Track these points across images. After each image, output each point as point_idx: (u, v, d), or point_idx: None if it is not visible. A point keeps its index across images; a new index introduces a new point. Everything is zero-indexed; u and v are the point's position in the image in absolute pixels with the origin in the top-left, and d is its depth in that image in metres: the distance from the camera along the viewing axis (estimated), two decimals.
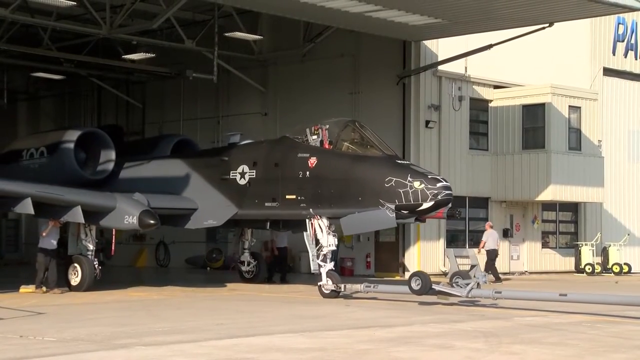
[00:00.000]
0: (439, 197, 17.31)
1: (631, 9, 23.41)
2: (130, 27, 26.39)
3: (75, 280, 19.92)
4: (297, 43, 28.69)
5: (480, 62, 27.63)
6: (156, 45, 28.84)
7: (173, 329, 12.87)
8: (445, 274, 27.05)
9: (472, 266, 27.60)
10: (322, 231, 18.42)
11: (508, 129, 29.32)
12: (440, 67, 27.25)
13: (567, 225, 31.60)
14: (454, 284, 16.60)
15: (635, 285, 24.81)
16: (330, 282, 18.15)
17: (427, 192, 17.27)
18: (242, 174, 20.29)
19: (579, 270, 30.13)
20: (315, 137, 19.04)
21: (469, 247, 28.42)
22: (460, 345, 11.25)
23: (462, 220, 28.19)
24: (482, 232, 28.35)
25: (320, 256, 18.35)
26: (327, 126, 19.06)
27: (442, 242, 27.59)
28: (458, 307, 16.41)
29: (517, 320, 14.29)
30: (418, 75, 26.92)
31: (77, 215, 19.37)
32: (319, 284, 18.38)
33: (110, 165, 23.33)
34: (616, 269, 30.42)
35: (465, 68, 28.00)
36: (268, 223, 20.98)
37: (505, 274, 28.67)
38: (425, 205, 17.36)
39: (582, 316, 14.84)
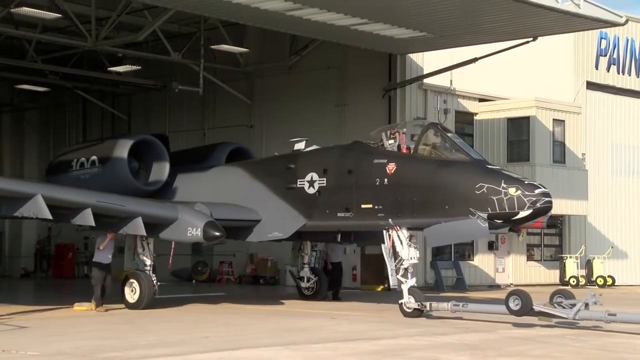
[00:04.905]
0: (538, 204, 15.83)
1: (613, 24, 23.67)
2: (116, 39, 26.39)
3: (133, 297, 18.58)
4: (283, 55, 28.76)
5: (465, 76, 27.79)
6: (142, 58, 28.83)
7: (158, 342, 12.80)
8: (430, 286, 27.14)
9: (458, 279, 27.88)
10: (401, 243, 17.00)
11: (493, 142, 29.48)
12: (426, 80, 27.38)
13: (551, 238, 31.75)
14: (555, 304, 15.08)
15: (619, 298, 24.92)
16: (412, 299, 16.74)
17: (525, 200, 15.80)
18: (311, 183, 18.86)
19: (563, 282, 30.25)
20: (392, 141, 17.68)
21: (454, 260, 28.52)
22: (446, 358, 11.26)
23: None
24: (467, 245, 28.46)
25: (401, 271, 16.92)
26: (405, 130, 17.83)
27: (427, 255, 27.61)
28: (442, 320, 16.41)
29: (502, 333, 14.31)
30: (404, 88, 27.04)
31: (138, 227, 17.99)
32: (400, 301, 16.93)
33: (164, 175, 21.75)
34: (600, 281, 30.57)
35: (451, 81, 28.16)
36: (339, 235, 19.62)
37: (490, 286, 28.79)
38: (522, 214, 15.90)
39: (566, 329, 14.88)
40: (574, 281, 29.97)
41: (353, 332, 14.48)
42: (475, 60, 25.58)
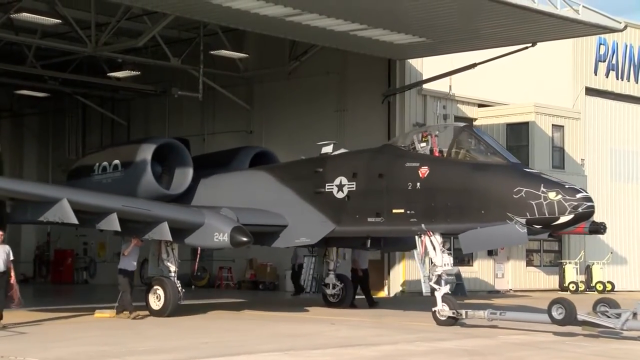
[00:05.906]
0: (580, 209, 15.27)
1: (612, 30, 23.72)
2: (116, 45, 26.40)
3: (157, 304, 18.17)
4: (282, 61, 28.79)
5: (464, 81, 27.82)
6: (141, 63, 28.85)
7: (158, 348, 12.79)
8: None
9: (457, 284, 27.83)
10: (434, 249, 16.58)
11: None
12: (425, 86, 27.42)
13: (551, 243, 31.72)
14: (599, 313, 14.51)
15: (620, 304, 24.86)
16: (446, 307, 16.25)
17: (565, 204, 15.26)
18: (340, 187, 18.34)
19: (563, 288, 30.26)
20: (424, 144, 17.18)
21: (453, 265, 28.46)
22: None
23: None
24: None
25: (434, 277, 16.46)
26: (437, 132, 17.37)
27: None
28: (444, 326, 16.36)
29: (502, 339, 14.30)
30: (403, 93, 27.06)
31: (163, 233, 17.63)
32: (433, 309, 16.48)
33: (188, 179, 21.08)
34: (599, 287, 30.56)
35: (450, 87, 28.19)
36: (369, 241, 19.20)
37: (490, 292, 28.76)
38: (563, 219, 15.35)
39: (566, 336, 14.86)
40: (573, 287, 29.96)
41: (352, 337, 14.46)
42: (474, 65, 25.61)
